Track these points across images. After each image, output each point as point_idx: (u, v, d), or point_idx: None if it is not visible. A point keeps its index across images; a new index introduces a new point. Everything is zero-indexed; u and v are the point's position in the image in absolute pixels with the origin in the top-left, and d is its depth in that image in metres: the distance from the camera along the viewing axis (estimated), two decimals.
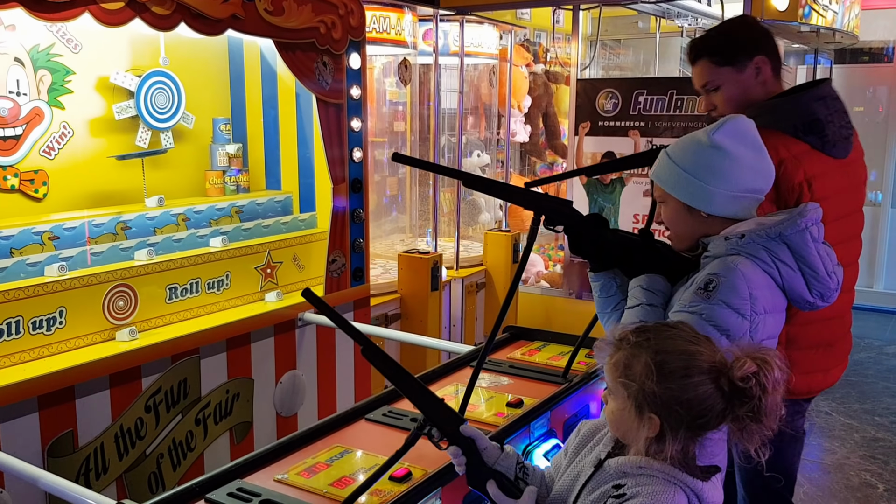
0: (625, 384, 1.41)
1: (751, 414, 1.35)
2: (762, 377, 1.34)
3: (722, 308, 1.68)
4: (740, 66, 2.29)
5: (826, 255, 1.77)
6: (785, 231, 1.74)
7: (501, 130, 5.92)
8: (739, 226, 1.80)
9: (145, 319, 2.97)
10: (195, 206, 3.38)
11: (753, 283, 1.71)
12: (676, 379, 1.36)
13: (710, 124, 1.85)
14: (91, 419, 2.65)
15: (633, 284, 1.91)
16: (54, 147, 3.08)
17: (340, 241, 3.57)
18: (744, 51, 2.29)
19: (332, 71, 3.42)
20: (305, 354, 3.47)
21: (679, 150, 1.85)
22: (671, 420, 1.37)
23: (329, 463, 1.96)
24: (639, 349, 1.41)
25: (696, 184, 1.80)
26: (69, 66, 3.09)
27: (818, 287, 1.76)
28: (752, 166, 1.80)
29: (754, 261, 1.74)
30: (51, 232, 2.84)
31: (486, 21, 5.22)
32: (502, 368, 2.63)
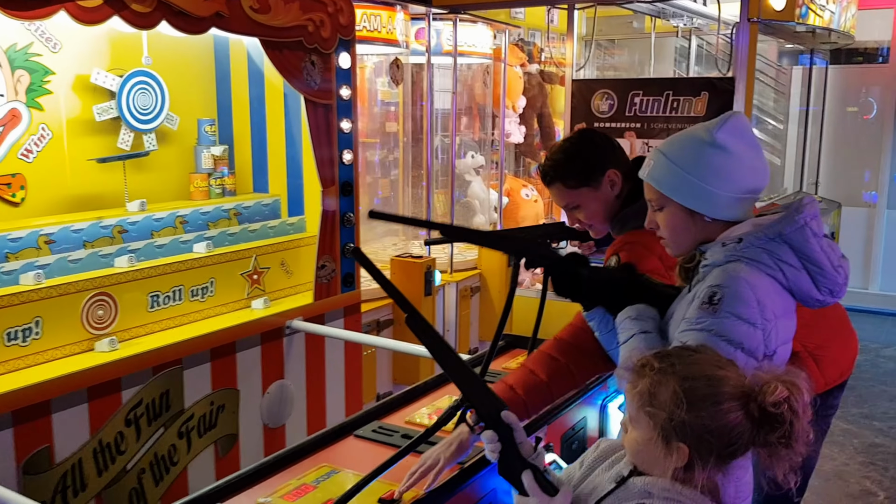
0: (651, 413, 1.34)
1: (783, 440, 1.30)
2: (793, 401, 1.29)
3: (731, 320, 1.59)
4: (595, 184, 2.24)
5: (830, 250, 1.67)
6: (784, 230, 1.65)
7: (496, 131, 5.82)
8: (735, 229, 1.70)
9: (126, 329, 2.86)
10: (179, 210, 3.27)
11: (759, 290, 1.61)
12: (707, 407, 1.30)
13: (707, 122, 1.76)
14: (69, 434, 2.54)
15: (621, 318, 1.81)
16: (32, 150, 2.97)
17: (330, 246, 3.46)
18: (594, 170, 2.23)
19: (321, 70, 3.31)
20: (293, 363, 3.36)
21: (678, 149, 1.73)
22: (701, 449, 1.31)
23: (315, 484, 1.86)
24: (664, 376, 1.34)
25: (699, 186, 1.69)
26: (48, 66, 2.98)
27: (826, 283, 1.67)
28: (753, 165, 1.71)
29: (756, 266, 1.64)
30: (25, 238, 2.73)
31: (479, 20, 5.13)
32: (497, 379, 2.53)
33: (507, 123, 5.94)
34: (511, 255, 1.89)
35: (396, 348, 3.51)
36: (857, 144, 7.92)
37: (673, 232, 1.78)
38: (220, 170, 3.51)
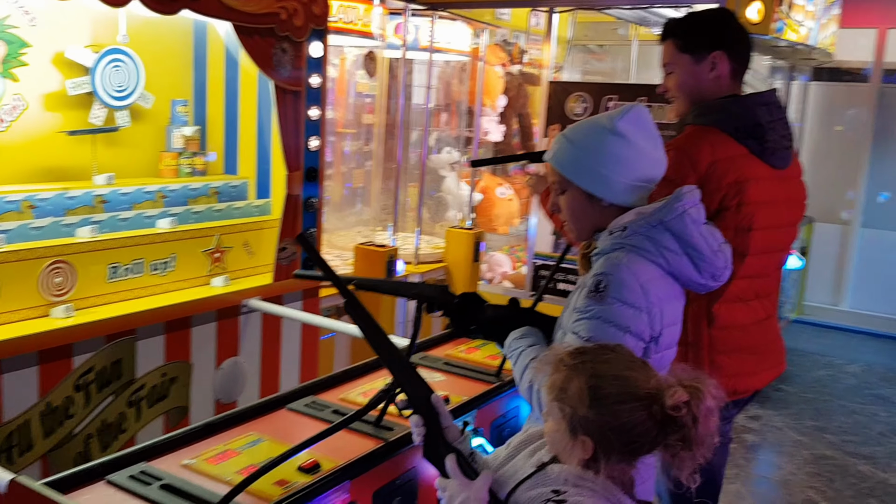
0: (560, 406, 1.41)
1: (681, 442, 1.34)
2: (693, 406, 1.33)
3: (617, 306, 1.68)
4: (698, 57, 2.27)
5: (710, 235, 1.76)
6: (664, 217, 1.73)
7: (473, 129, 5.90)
8: (621, 218, 1.78)
9: (83, 297, 2.94)
10: (146, 187, 3.34)
11: (642, 275, 1.70)
12: (609, 405, 1.36)
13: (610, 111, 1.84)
14: (17, 395, 2.61)
15: (508, 342, 1.91)
16: (5, 119, 3.04)
17: (292, 229, 3.54)
18: (704, 43, 2.26)
19: (292, 58, 3.39)
20: (249, 342, 3.44)
21: (581, 135, 1.81)
22: (603, 444, 1.37)
23: (240, 451, 1.94)
24: (575, 372, 1.40)
25: (599, 172, 1.77)
26: (25, 39, 3.05)
27: (706, 267, 1.75)
28: (650, 155, 1.79)
29: (639, 252, 1.73)
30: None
31: (458, 18, 5.21)
32: (437, 365, 2.62)
33: (485, 122, 6.02)
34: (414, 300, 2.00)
35: (354, 333, 3.58)
36: (835, 162, 8.03)
37: (573, 215, 1.86)
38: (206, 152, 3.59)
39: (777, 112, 2.29)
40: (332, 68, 4.79)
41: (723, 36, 2.29)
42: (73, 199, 3.08)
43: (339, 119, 4.98)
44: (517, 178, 6.78)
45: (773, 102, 2.30)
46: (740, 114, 2.25)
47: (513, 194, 6.34)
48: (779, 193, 2.29)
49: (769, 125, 2.24)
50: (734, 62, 2.30)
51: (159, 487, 1.73)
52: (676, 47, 2.30)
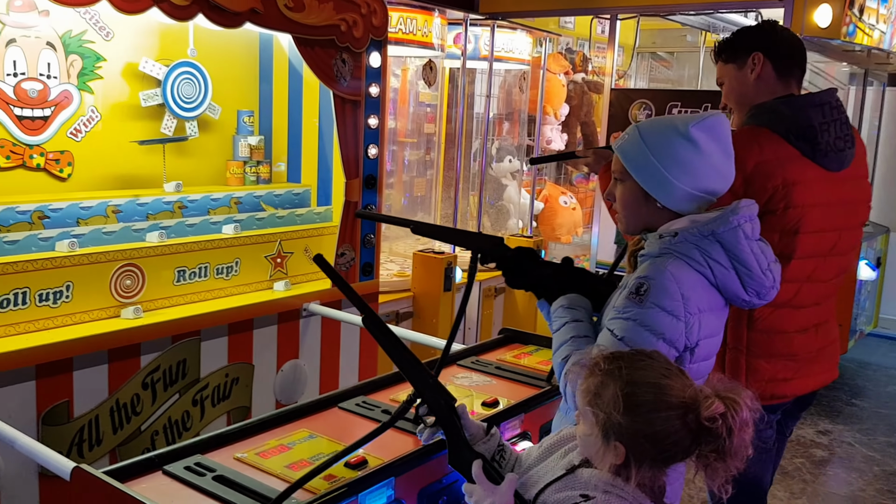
0: (594, 411, 1.41)
1: (715, 453, 1.35)
2: (729, 418, 1.33)
3: (655, 311, 1.66)
4: (740, 63, 2.34)
5: (760, 253, 1.73)
6: (717, 229, 1.70)
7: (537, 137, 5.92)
8: (674, 223, 1.76)
9: (151, 300, 3.07)
10: (213, 194, 3.47)
11: (684, 284, 1.68)
12: (644, 412, 1.36)
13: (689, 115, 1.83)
14: (88, 391, 2.74)
15: (555, 307, 1.90)
16: (81, 129, 3.21)
17: (351, 236, 3.62)
18: (742, 48, 2.34)
19: (352, 68, 3.48)
20: (308, 345, 3.53)
21: (653, 132, 1.77)
22: (636, 451, 1.38)
23: (290, 446, 2.00)
24: (609, 378, 1.41)
25: (661, 172, 1.74)
26: (100, 53, 3.21)
27: (753, 285, 1.72)
28: (717, 167, 1.76)
29: (686, 260, 1.71)
30: (67, 210, 2.96)
31: (518, 27, 5.24)
32: (488, 369, 2.65)
33: (548, 130, 6.02)
34: (470, 250, 2.00)
35: (412, 339, 3.62)
36: None
37: (625, 208, 1.85)
38: (272, 161, 3.74)
39: (832, 113, 2.25)
40: (394, 79, 4.89)
41: (758, 38, 2.36)
42: (144, 206, 3.22)
43: (400, 128, 5.06)
44: (580, 186, 6.76)
45: (827, 103, 2.26)
46: (791, 115, 2.23)
47: (576, 203, 6.32)
48: (832, 195, 2.24)
49: (821, 126, 2.21)
50: (775, 61, 2.31)
51: (212, 478, 1.79)
52: (723, 62, 2.41)
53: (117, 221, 3.09)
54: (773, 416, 2.32)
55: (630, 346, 1.63)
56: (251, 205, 3.62)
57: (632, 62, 6.24)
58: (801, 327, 2.27)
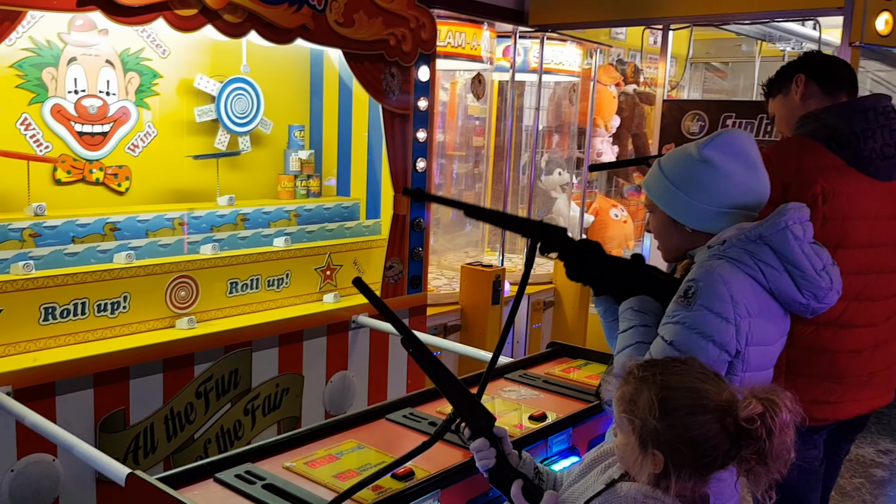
0: (629, 419, 1.40)
1: (755, 456, 1.32)
2: (768, 419, 1.31)
3: (703, 313, 1.64)
4: (785, 91, 2.37)
5: (814, 254, 1.70)
6: (765, 232, 1.69)
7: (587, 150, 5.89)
8: (722, 234, 1.76)
9: (205, 310, 3.13)
10: (264, 207, 3.53)
11: (734, 287, 1.66)
12: (680, 417, 1.34)
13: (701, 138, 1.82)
14: (143, 400, 2.81)
15: (624, 307, 1.87)
16: (139, 145, 3.30)
17: (399, 248, 3.65)
18: (785, 76, 2.37)
19: (400, 82, 3.51)
20: (357, 356, 3.56)
21: (670, 161, 1.82)
22: (674, 458, 1.35)
23: (339, 456, 2.02)
24: (644, 384, 1.39)
25: (681, 197, 1.77)
26: (157, 70, 3.30)
27: (808, 287, 1.69)
28: (742, 182, 1.75)
29: (736, 264, 1.69)
30: (124, 223, 3.04)
31: (569, 39, 5.22)
32: (536, 383, 2.63)
33: (599, 143, 5.99)
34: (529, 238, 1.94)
35: (460, 351, 3.63)
36: None
37: (659, 236, 1.89)
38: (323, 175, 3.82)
39: (878, 119, 2.18)
40: (443, 92, 4.92)
41: (798, 64, 2.38)
42: (199, 219, 3.29)
43: (449, 142, 5.08)
44: (631, 199, 6.70)
45: (871, 108, 2.20)
46: (833, 122, 2.17)
47: (627, 216, 6.26)
48: (882, 208, 2.17)
49: (864, 133, 2.14)
50: (819, 80, 2.31)
51: (262, 487, 1.82)
52: (772, 97, 2.45)
53: (174, 234, 3.17)
54: (815, 437, 2.24)
55: (680, 351, 1.62)
56: (301, 218, 3.67)
57: (685, 73, 6.18)
58: (851, 348, 2.18)
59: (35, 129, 2.97)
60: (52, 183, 3.04)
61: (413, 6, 3.48)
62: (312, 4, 3.07)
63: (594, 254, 1.92)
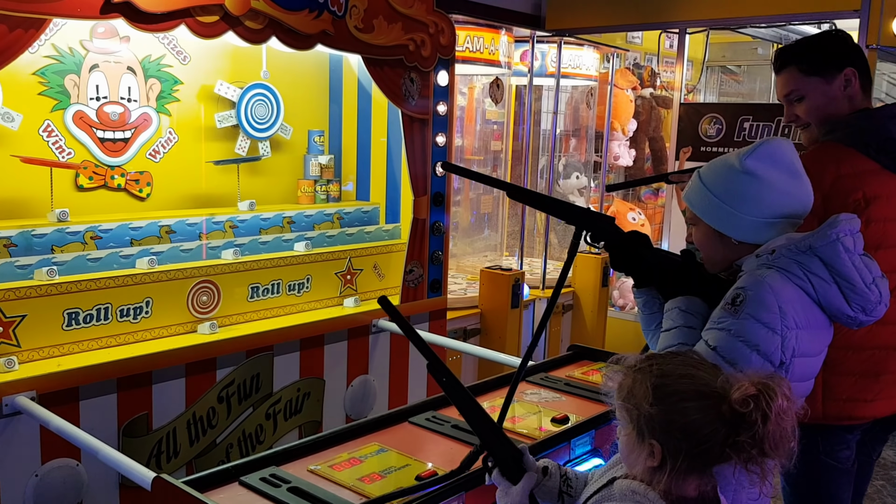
0: (627, 409, 1.39)
1: (751, 442, 1.29)
2: (763, 403, 1.28)
3: (750, 322, 1.62)
4: (829, 77, 2.21)
5: (864, 267, 1.68)
6: (815, 243, 1.68)
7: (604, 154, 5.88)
8: (771, 243, 1.74)
9: (226, 315, 3.14)
10: (284, 212, 3.54)
11: (782, 297, 1.64)
12: (674, 402, 1.33)
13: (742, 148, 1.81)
14: (166, 404, 2.82)
15: (670, 306, 1.85)
16: (160, 151, 3.32)
17: (419, 252, 3.65)
18: (834, 62, 2.21)
19: (420, 87, 3.52)
20: (378, 360, 3.56)
21: (711, 173, 1.81)
22: (670, 446, 1.33)
23: (362, 459, 2.02)
24: (640, 373, 1.39)
25: (725, 209, 1.75)
26: (177, 76, 3.32)
27: (857, 300, 1.67)
28: (786, 191, 1.74)
29: (785, 274, 1.67)
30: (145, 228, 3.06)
31: (586, 43, 5.22)
32: (558, 385, 2.63)
33: (616, 146, 5.98)
34: (576, 226, 1.91)
35: (479, 354, 3.62)
36: None
37: (705, 250, 1.86)
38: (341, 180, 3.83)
39: None
40: (461, 97, 4.92)
41: (850, 53, 2.24)
42: (220, 224, 3.31)
43: (467, 146, 5.09)
44: (649, 202, 6.68)
45: None
46: (870, 128, 2.16)
47: (644, 219, 6.24)
48: None
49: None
50: (864, 78, 2.24)
51: (287, 490, 1.82)
52: (802, 72, 2.24)
53: (170, 242, 3.17)
54: (849, 436, 2.22)
55: (724, 357, 1.61)
56: (322, 223, 3.68)
57: (701, 76, 6.16)
58: (888, 344, 2.17)
59: (58, 135, 2.99)
60: (75, 189, 3.06)
61: (432, 11, 3.49)
62: (333, 10, 3.09)
63: (642, 247, 1.90)
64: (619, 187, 3.84)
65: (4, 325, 2.55)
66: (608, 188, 3.06)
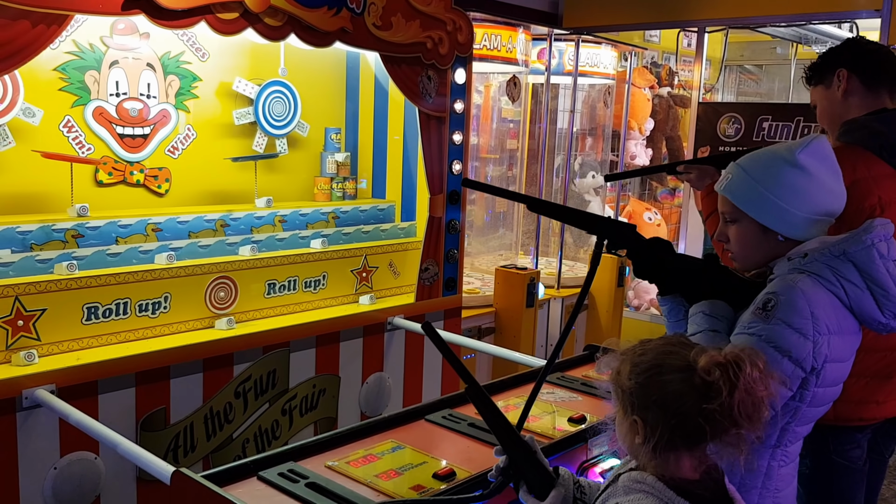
0: (615, 389, 1.44)
1: (719, 410, 1.30)
2: (730, 371, 1.31)
3: (782, 328, 1.60)
4: (828, 83, 2.31)
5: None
6: (849, 248, 1.65)
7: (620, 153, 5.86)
8: (803, 246, 1.72)
9: (244, 311, 3.16)
10: (301, 209, 3.56)
11: (814, 302, 1.61)
12: (650, 376, 1.37)
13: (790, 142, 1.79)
14: (183, 399, 2.84)
15: (695, 311, 1.81)
16: (178, 147, 3.33)
17: (434, 251, 3.65)
18: (827, 67, 2.31)
19: (437, 85, 3.52)
20: (393, 358, 3.56)
21: (759, 166, 1.74)
22: (650, 419, 1.36)
23: (380, 455, 2.02)
24: (627, 355, 1.43)
25: (777, 204, 1.71)
26: (196, 73, 3.34)
27: (890, 306, 1.65)
28: (831, 189, 1.73)
29: (817, 279, 1.65)
30: (164, 224, 3.08)
31: (603, 42, 5.21)
32: (575, 385, 2.62)
33: (632, 146, 5.96)
34: (597, 235, 1.91)
35: (494, 353, 3.63)
36: None
37: (743, 246, 1.80)
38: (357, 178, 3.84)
39: None
40: (477, 95, 4.92)
41: (841, 55, 2.31)
42: (237, 221, 3.32)
43: (483, 144, 5.09)
44: (665, 202, 6.65)
45: None
46: (884, 130, 2.15)
47: (661, 219, 6.22)
48: None
49: None
50: (861, 75, 2.25)
51: (305, 485, 1.83)
52: (813, 86, 2.39)
53: (213, 235, 3.20)
54: (860, 436, 2.22)
55: None
56: (337, 220, 3.69)
57: (719, 75, 6.12)
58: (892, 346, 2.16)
59: (77, 131, 3.01)
60: (94, 184, 3.08)
61: (450, 9, 3.49)
62: (351, 7, 3.09)
63: (665, 252, 1.88)
64: (619, 177, 3.82)
65: (25, 319, 2.57)
66: (607, 178, 3.03)
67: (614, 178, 4.83)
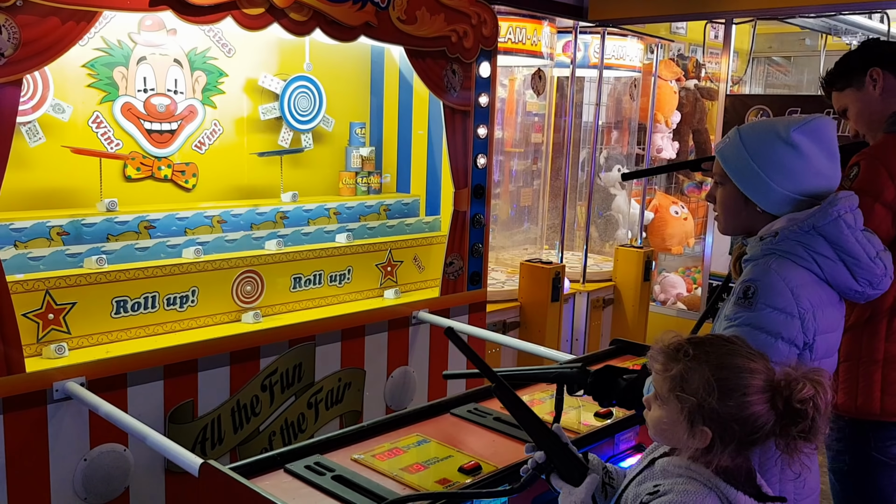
0: (681, 397, 1.40)
1: (803, 434, 1.36)
2: (818, 399, 1.35)
3: (767, 312, 1.64)
4: (858, 85, 2.30)
5: (867, 242, 1.69)
6: (818, 223, 1.68)
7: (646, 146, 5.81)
8: (774, 224, 1.73)
9: (270, 305, 3.18)
10: (327, 204, 3.57)
11: (791, 280, 1.66)
12: (736, 397, 1.36)
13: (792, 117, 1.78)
14: (211, 392, 2.86)
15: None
16: (205, 142, 3.36)
17: (459, 245, 3.64)
18: (856, 69, 2.30)
19: (461, 79, 3.51)
20: (418, 352, 3.57)
21: (754, 136, 1.75)
22: (725, 435, 1.38)
23: (405, 449, 2.03)
24: (698, 363, 1.40)
25: (761, 177, 1.72)
26: (222, 69, 3.36)
27: (863, 274, 1.69)
28: (821, 172, 1.73)
29: (790, 258, 1.68)
30: (191, 218, 3.11)
31: (629, 34, 5.16)
32: None
33: (659, 139, 5.91)
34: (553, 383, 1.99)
35: (519, 347, 3.62)
36: None
37: (725, 211, 1.84)
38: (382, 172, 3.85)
39: None
40: (501, 88, 4.90)
41: (870, 55, 2.31)
42: (262, 215, 3.34)
43: (507, 138, 5.07)
44: (692, 196, 6.60)
45: None
46: None
47: (687, 213, 6.16)
48: None
49: None
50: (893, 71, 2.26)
51: (331, 478, 1.84)
52: (839, 90, 2.37)
53: (212, 232, 3.21)
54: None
55: None
56: (363, 214, 3.70)
57: (747, 67, 6.05)
58: None
59: (106, 126, 3.04)
60: (123, 179, 3.12)
61: (475, 2, 3.47)
62: (376, 2, 3.09)
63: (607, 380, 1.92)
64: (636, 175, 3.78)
65: (55, 312, 2.61)
66: (624, 176, 3.02)
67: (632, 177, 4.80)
